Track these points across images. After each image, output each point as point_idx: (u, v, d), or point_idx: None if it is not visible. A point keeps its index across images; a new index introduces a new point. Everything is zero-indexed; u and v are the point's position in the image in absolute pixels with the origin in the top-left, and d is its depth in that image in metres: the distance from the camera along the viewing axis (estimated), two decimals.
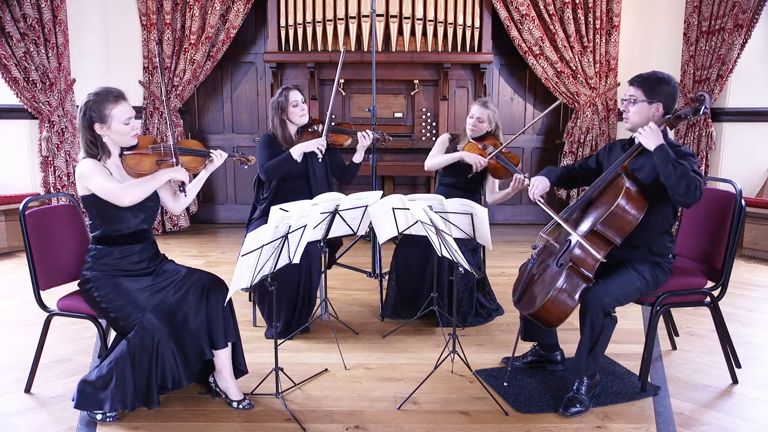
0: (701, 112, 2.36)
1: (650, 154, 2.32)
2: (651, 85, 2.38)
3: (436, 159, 3.47)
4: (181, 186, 2.44)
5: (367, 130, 3.31)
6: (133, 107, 2.38)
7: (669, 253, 2.50)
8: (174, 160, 2.42)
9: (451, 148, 3.50)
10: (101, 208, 2.29)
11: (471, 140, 3.38)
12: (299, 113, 3.24)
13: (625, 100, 2.45)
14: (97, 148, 2.30)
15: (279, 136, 3.27)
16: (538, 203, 2.57)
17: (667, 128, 2.41)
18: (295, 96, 3.23)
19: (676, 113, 2.38)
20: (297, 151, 3.16)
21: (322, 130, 3.25)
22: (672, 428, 2.26)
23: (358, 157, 3.35)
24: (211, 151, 2.55)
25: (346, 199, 2.84)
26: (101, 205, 2.28)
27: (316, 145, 3.17)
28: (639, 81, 2.41)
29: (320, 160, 3.22)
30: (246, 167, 2.94)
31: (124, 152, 2.36)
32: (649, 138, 2.28)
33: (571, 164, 2.80)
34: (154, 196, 2.44)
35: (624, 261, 2.42)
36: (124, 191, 2.24)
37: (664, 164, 2.23)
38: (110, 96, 2.28)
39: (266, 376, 2.55)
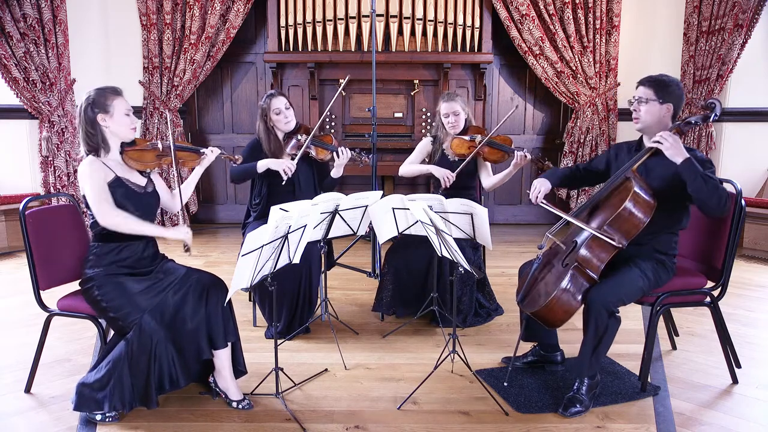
0: (710, 120, 2.38)
1: (662, 157, 2.31)
2: (661, 86, 2.39)
3: (410, 168, 3.50)
4: (186, 248, 2.42)
5: (343, 148, 3.22)
6: (133, 107, 2.45)
7: (673, 253, 2.50)
8: (173, 156, 2.50)
9: (435, 149, 3.50)
10: None
11: (455, 136, 3.39)
12: (283, 121, 3.22)
13: (634, 100, 2.44)
14: (96, 140, 2.35)
15: (264, 143, 3.25)
16: (542, 205, 2.55)
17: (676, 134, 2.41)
18: (277, 104, 3.19)
19: (686, 120, 2.38)
20: (262, 166, 3.15)
21: (305, 141, 3.21)
22: (672, 428, 2.26)
23: (335, 173, 3.30)
24: (202, 149, 2.68)
25: (346, 199, 2.84)
26: None
27: (282, 166, 3.11)
28: (650, 81, 2.42)
29: (283, 183, 3.13)
30: (235, 165, 3.07)
31: (125, 148, 2.43)
32: (675, 152, 2.24)
33: (575, 165, 2.78)
34: (154, 194, 2.49)
35: (627, 258, 2.42)
36: (110, 212, 2.27)
37: (692, 179, 2.20)
38: (110, 90, 2.39)
39: (266, 376, 2.56)
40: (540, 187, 2.59)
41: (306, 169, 3.32)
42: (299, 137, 3.26)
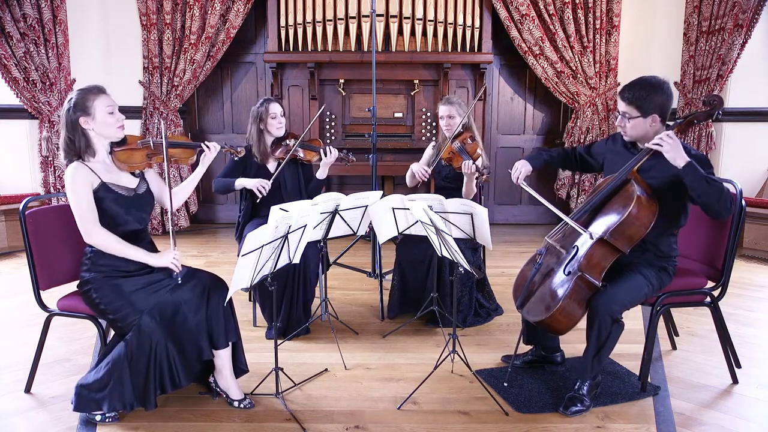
0: (713, 118, 2.34)
1: (660, 156, 2.25)
2: (641, 100, 2.31)
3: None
4: (175, 275, 2.33)
5: (330, 148, 3.31)
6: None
7: (674, 255, 2.49)
8: (165, 154, 2.39)
9: (433, 154, 3.55)
10: None
11: (449, 140, 3.40)
12: (276, 125, 3.28)
13: (619, 114, 2.40)
14: (78, 146, 2.28)
15: (254, 147, 3.31)
16: (522, 186, 2.61)
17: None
18: (275, 108, 3.27)
19: (687, 118, 2.34)
20: (239, 185, 3.23)
21: (293, 144, 3.28)
22: (672, 428, 2.26)
23: (320, 174, 3.37)
24: (201, 143, 2.58)
25: (346, 199, 2.84)
26: None
27: (256, 186, 3.17)
28: (629, 98, 2.33)
29: (258, 201, 3.20)
30: (236, 159, 3.06)
31: (114, 149, 2.37)
32: (676, 154, 2.18)
33: (572, 147, 2.75)
34: (146, 195, 2.44)
35: (631, 264, 2.40)
36: (95, 232, 2.23)
37: (696, 182, 2.16)
38: (92, 89, 2.30)
39: (266, 376, 2.56)
40: (521, 168, 2.63)
41: (292, 172, 3.36)
42: (287, 142, 3.34)
